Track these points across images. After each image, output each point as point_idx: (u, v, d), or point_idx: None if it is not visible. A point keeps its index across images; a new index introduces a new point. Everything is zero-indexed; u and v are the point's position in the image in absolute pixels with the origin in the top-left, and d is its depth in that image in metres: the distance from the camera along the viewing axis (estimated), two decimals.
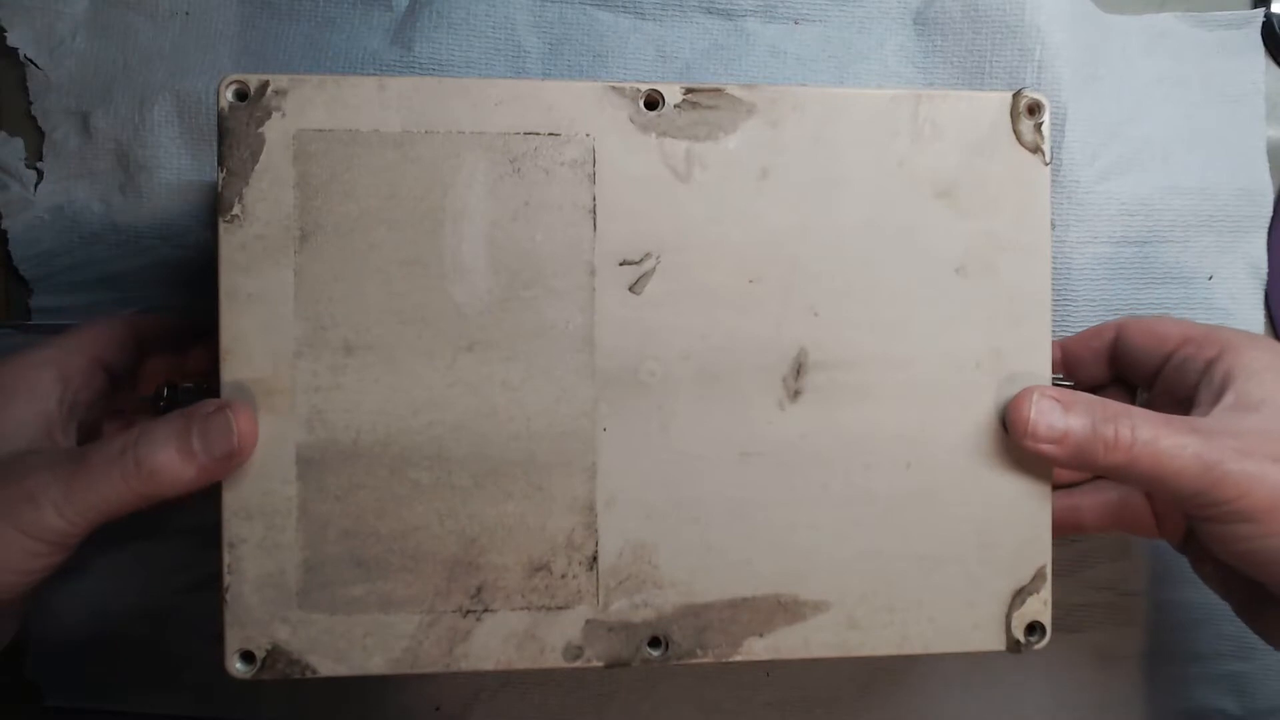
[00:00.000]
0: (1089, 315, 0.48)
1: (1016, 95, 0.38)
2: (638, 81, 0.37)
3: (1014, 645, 0.37)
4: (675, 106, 0.37)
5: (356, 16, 0.47)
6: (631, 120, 0.37)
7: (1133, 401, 0.42)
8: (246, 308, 0.35)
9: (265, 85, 0.35)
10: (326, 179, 0.35)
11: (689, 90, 0.37)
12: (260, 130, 0.35)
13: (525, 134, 0.36)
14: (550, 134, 0.36)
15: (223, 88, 0.35)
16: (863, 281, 0.37)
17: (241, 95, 0.35)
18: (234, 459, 0.34)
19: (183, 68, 0.47)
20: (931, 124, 0.37)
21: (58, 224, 0.47)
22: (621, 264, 0.36)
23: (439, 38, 0.46)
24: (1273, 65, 0.49)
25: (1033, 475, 0.37)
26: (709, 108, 0.37)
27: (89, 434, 0.38)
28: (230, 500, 0.35)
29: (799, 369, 0.37)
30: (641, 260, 0.36)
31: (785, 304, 0.37)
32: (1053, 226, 0.38)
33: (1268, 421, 0.34)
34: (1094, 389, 0.42)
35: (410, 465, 0.36)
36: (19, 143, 0.47)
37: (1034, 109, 0.38)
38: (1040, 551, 0.37)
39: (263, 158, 0.35)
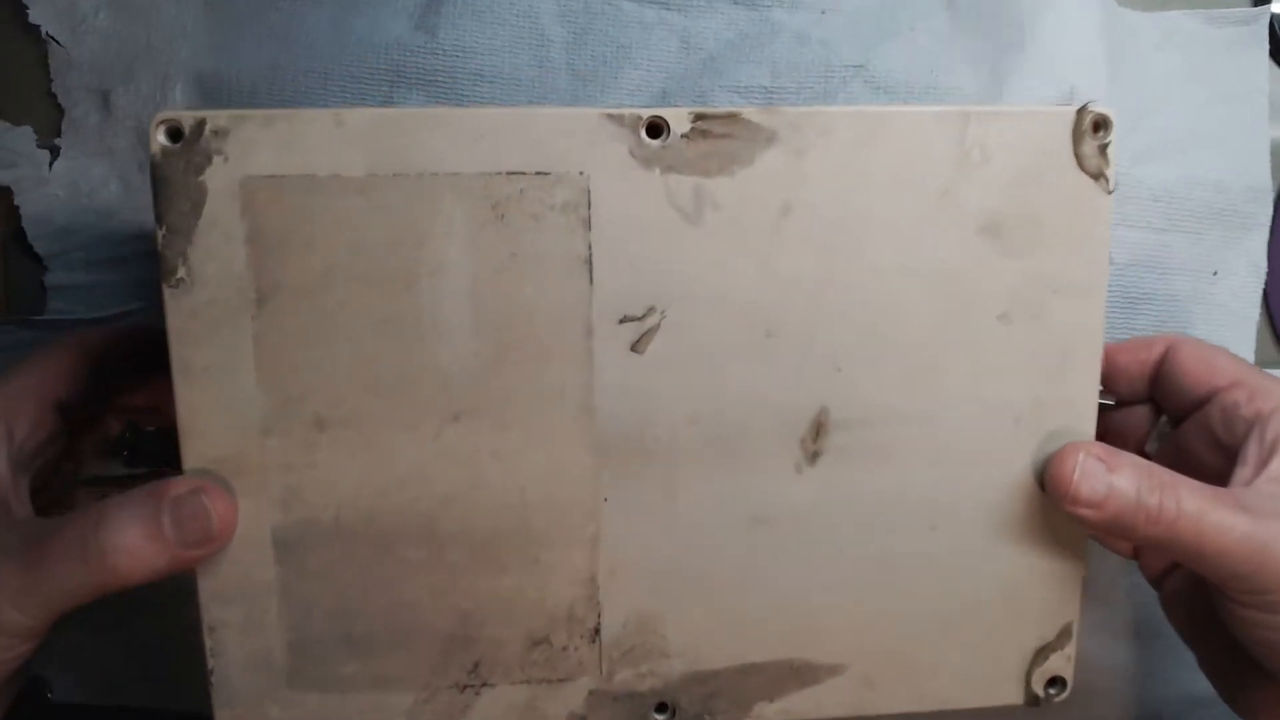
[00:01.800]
0: (1109, 300, 0.44)
1: (1081, 111, 0.32)
2: (639, 107, 0.31)
3: (1033, 699, 0.36)
4: (683, 136, 0.31)
5: (380, 0, 0.45)
6: (632, 154, 0.31)
7: (1154, 425, 0.38)
8: (203, 383, 0.31)
9: (202, 124, 0.30)
10: (282, 232, 0.31)
11: (698, 116, 0.31)
12: (201, 179, 0.30)
13: (509, 174, 0.31)
14: (538, 173, 0.31)
15: (153, 129, 0.30)
16: (893, 332, 0.33)
17: (175, 136, 0.30)
18: (212, 546, 0.32)
19: (206, 47, 0.45)
20: (980, 148, 0.32)
21: (74, 201, 0.46)
22: (622, 321, 0.32)
23: (464, 24, 0.44)
24: (1274, 65, 0.47)
25: (1067, 533, 0.35)
26: (722, 136, 0.31)
27: (46, 482, 0.36)
28: (206, 585, 0.33)
29: (819, 430, 0.33)
30: (644, 316, 0.32)
31: (805, 359, 0.33)
32: (1110, 262, 0.33)
33: None
34: (1127, 405, 0.39)
35: (397, 542, 0.33)
36: (28, 130, 0.45)
37: (1100, 126, 0.32)
38: (1069, 609, 0.35)
39: (206, 210, 0.31)
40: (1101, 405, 0.36)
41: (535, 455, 0.33)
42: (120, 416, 0.39)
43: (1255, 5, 0.47)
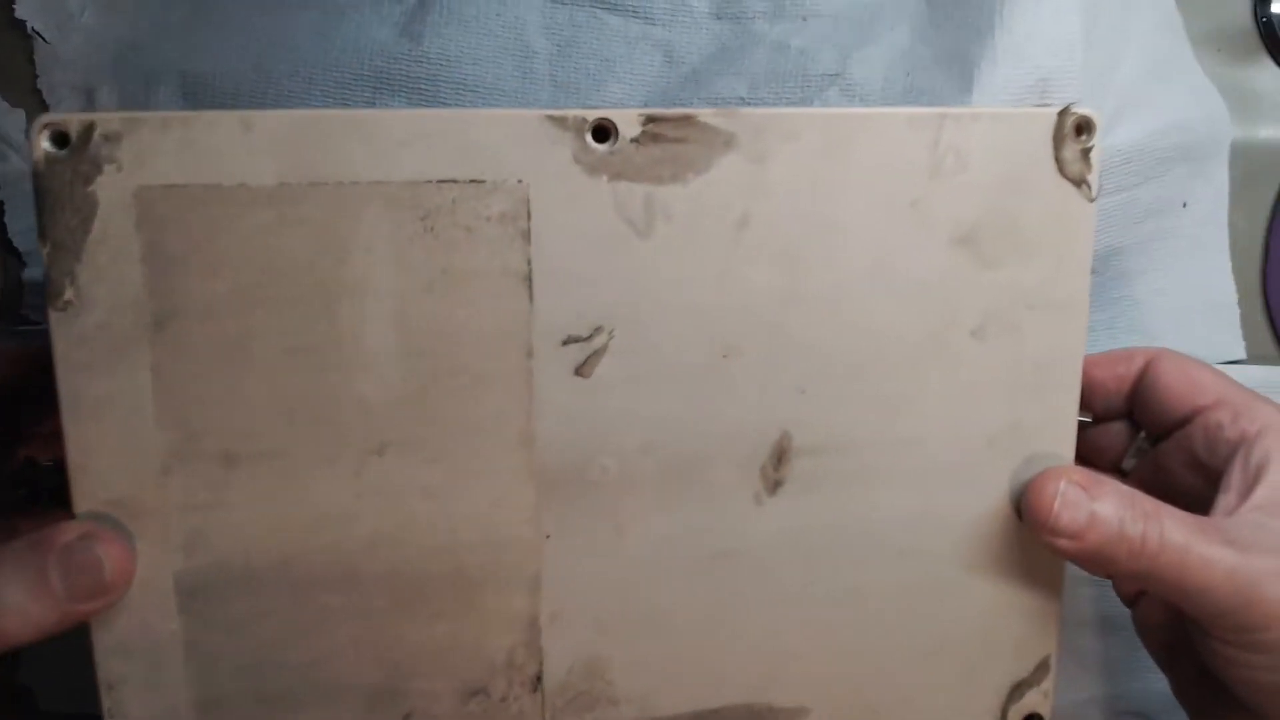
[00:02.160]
0: None
1: (1063, 113, 0.30)
2: (584, 109, 0.28)
3: None
4: (632, 141, 0.28)
5: (367, 6, 0.45)
6: (576, 159, 0.28)
7: (1132, 442, 0.36)
8: (95, 416, 0.28)
9: (90, 128, 0.27)
10: (183, 249, 0.27)
11: (650, 119, 0.28)
12: (90, 189, 0.27)
13: (439, 182, 0.28)
14: (472, 181, 0.28)
15: (35, 134, 0.26)
16: (860, 351, 0.30)
17: (61, 141, 0.27)
18: (106, 598, 0.28)
19: (191, 48, 0.45)
20: (956, 153, 0.30)
21: None
22: (565, 342, 0.29)
23: (449, 33, 0.44)
24: (1273, 65, 0.47)
25: (1045, 562, 0.32)
26: (675, 141, 0.29)
27: None
28: (102, 638, 0.29)
29: (780, 457, 0.31)
30: (590, 336, 0.29)
31: (766, 381, 0.30)
32: (1095, 271, 0.31)
33: None
34: (1104, 421, 0.37)
35: (316, 588, 0.30)
36: (20, 114, 0.45)
37: (1082, 128, 0.30)
38: (1046, 642, 0.33)
39: (96, 225, 0.27)
40: (1079, 423, 0.34)
41: (469, 491, 0.30)
42: (31, 446, 0.36)
43: (1255, 7, 0.46)
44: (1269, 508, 0.30)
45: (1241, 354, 0.46)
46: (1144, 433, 0.36)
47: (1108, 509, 0.30)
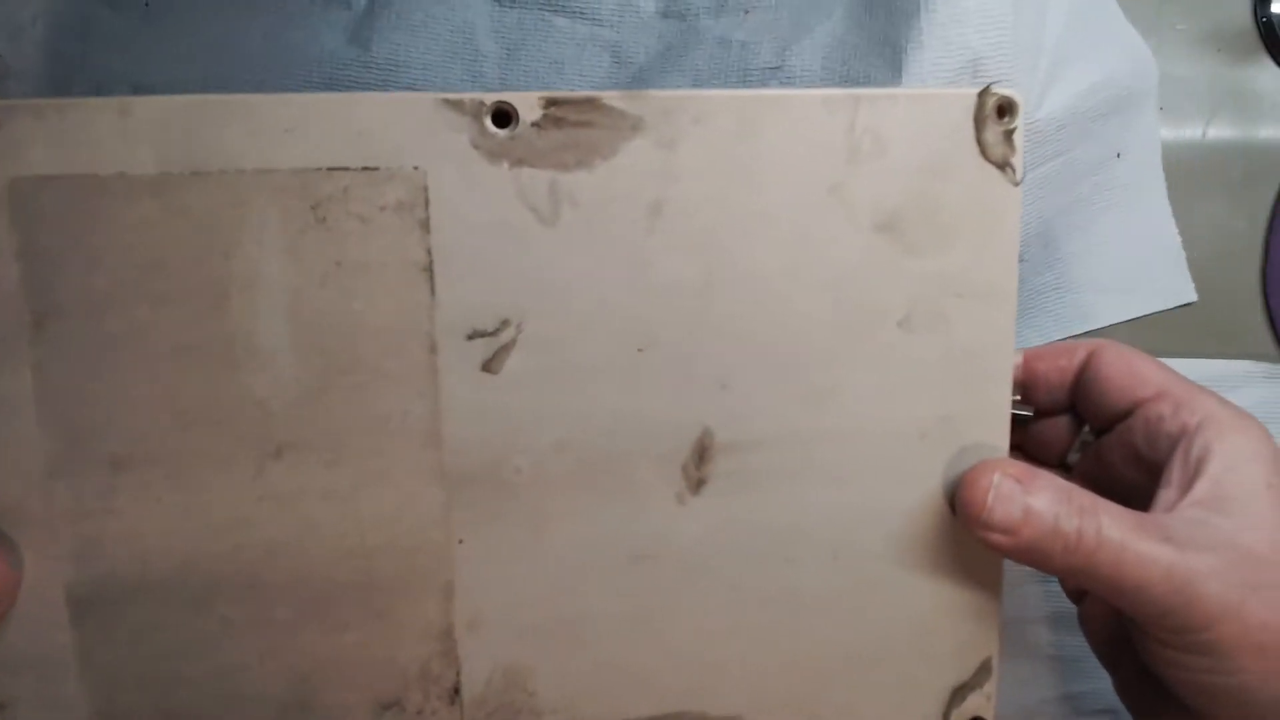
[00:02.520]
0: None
1: (983, 94, 0.29)
2: (482, 92, 0.27)
3: None
4: (533, 125, 0.27)
5: (316, 13, 0.44)
6: (475, 145, 0.27)
7: (1076, 436, 0.35)
8: None
9: None
10: (62, 244, 0.26)
11: (551, 102, 0.27)
12: None
13: (329, 170, 0.27)
14: (365, 168, 0.27)
15: None
16: (783, 343, 0.29)
17: None
18: None
19: (142, 58, 0.44)
20: (873, 136, 0.28)
21: None
22: (471, 336, 0.28)
23: (397, 39, 0.43)
24: (1273, 65, 0.46)
25: (983, 559, 0.31)
26: (579, 125, 0.27)
27: None
28: None
29: (702, 454, 0.29)
30: (498, 330, 0.28)
31: (684, 376, 0.29)
32: (1021, 259, 0.30)
33: (1246, 531, 0.28)
34: (1047, 415, 0.35)
35: (217, 598, 0.28)
36: None
37: (1004, 110, 0.29)
38: (987, 643, 0.32)
39: None
40: (1020, 416, 0.33)
41: (374, 494, 0.28)
42: None
43: (1255, 8, 0.46)
44: (1209, 503, 0.29)
45: (1193, 296, 0.45)
46: (1087, 426, 0.35)
47: (1042, 503, 0.28)
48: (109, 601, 0.28)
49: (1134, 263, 0.44)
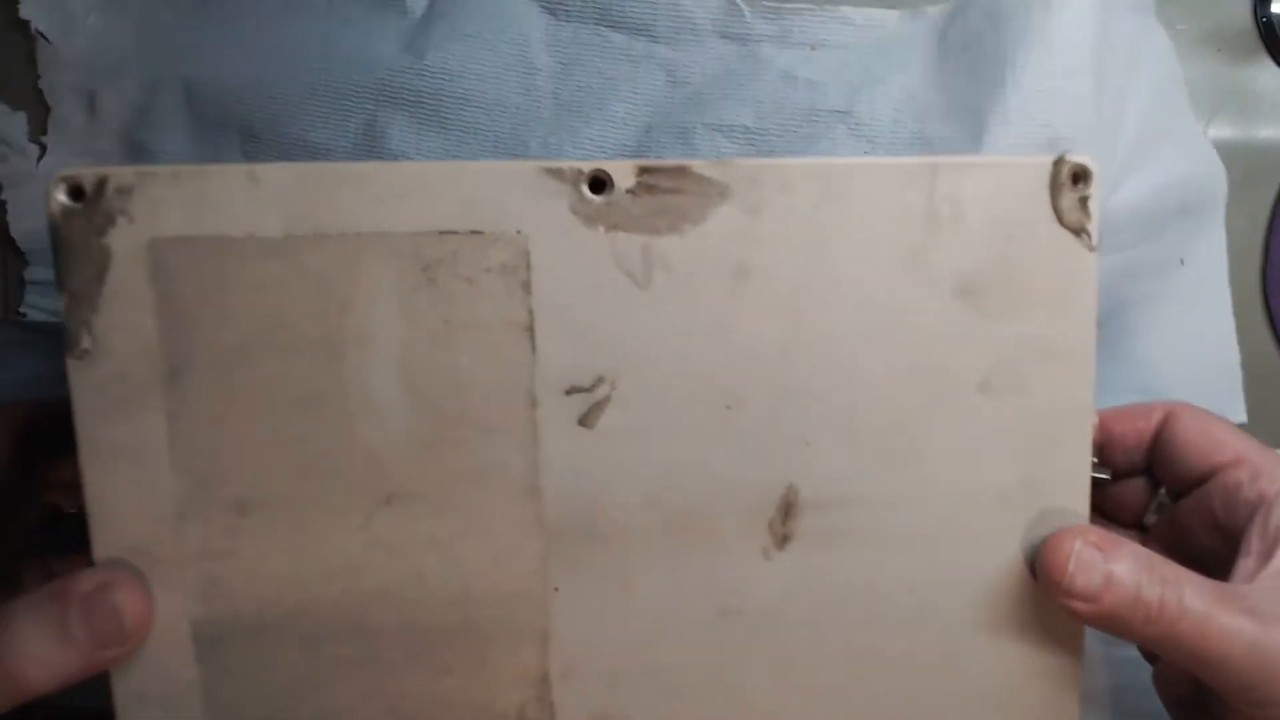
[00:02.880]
0: None
1: (1058, 162, 0.30)
2: (579, 161, 0.29)
3: None
4: (628, 191, 0.29)
5: (372, 18, 0.45)
6: (573, 211, 0.29)
7: (1153, 498, 0.36)
8: (112, 462, 0.29)
9: (104, 182, 0.28)
10: (194, 300, 0.29)
11: (644, 170, 0.29)
12: (104, 240, 0.28)
13: (440, 233, 0.29)
14: (472, 232, 0.29)
15: (52, 188, 0.28)
16: (864, 403, 0.30)
17: (76, 194, 0.28)
18: (126, 646, 0.29)
19: (194, 54, 0.45)
20: (952, 202, 0.30)
21: None
22: (569, 392, 0.30)
23: (452, 49, 0.44)
24: (1273, 65, 0.47)
25: (1063, 624, 0.31)
26: (670, 191, 0.29)
27: None
28: (121, 684, 0.30)
29: (788, 511, 0.30)
30: (593, 387, 0.30)
31: (770, 433, 0.30)
32: (1099, 326, 0.31)
33: None
34: (1123, 477, 0.36)
35: (327, 640, 0.30)
36: (22, 117, 0.45)
37: (1079, 177, 0.30)
38: (1067, 710, 0.32)
39: (110, 276, 0.28)
40: (1097, 480, 0.33)
41: (476, 543, 0.30)
42: (53, 493, 0.37)
43: (1255, 8, 0.46)
44: None
45: (1243, 417, 0.45)
46: (1164, 489, 0.35)
47: (1124, 571, 0.29)
48: (230, 639, 0.30)
49: (1188, 376, 0.44)
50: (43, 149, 0.46)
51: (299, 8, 0.45)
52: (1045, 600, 0.31)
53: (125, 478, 0.29)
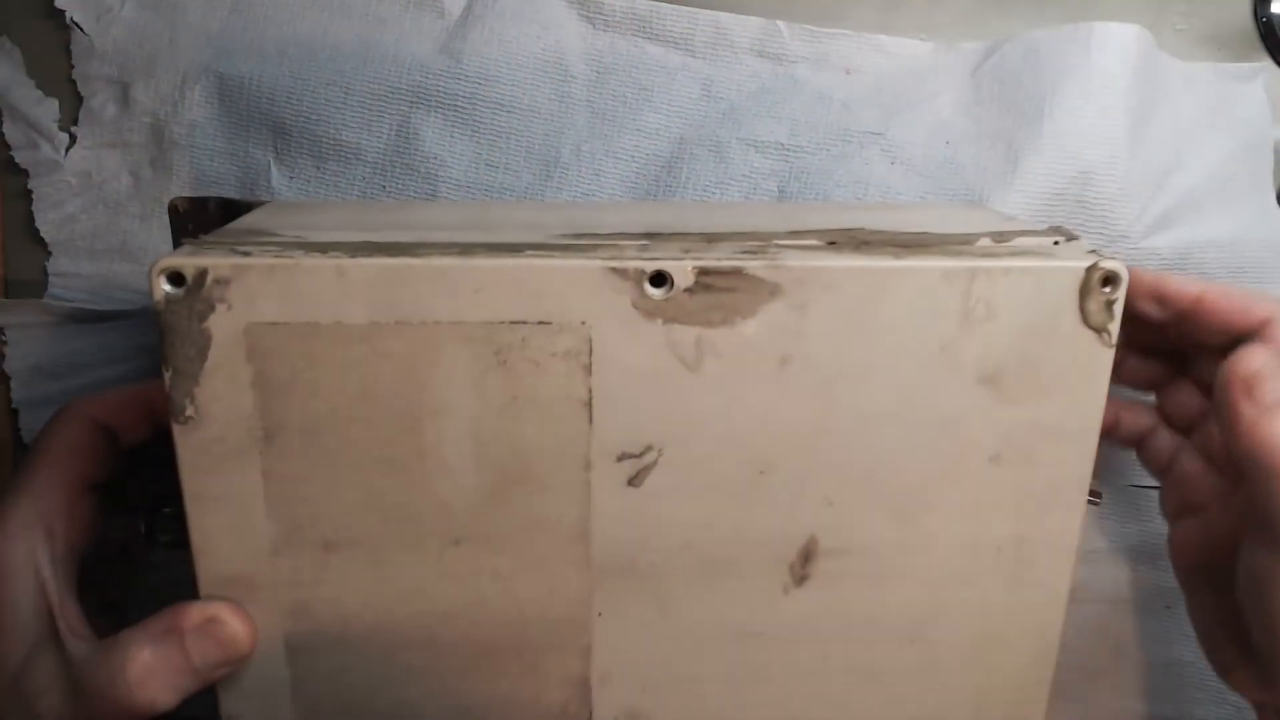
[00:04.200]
0: None
1: (1091, 268, 0.32)
2: (641, 260, 0.31)
3: None
4: (686, 290, 0.31)
5: (408, 19, 0.45)
6: (634, 305, 0.31)
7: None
8: (214, 509, 0.32)
9: (204, 274, 0.30)
10: (287, 377, 0.31)
11: (703, 272, 0.31)
12: (204, 325, 0.31)
13: (511, 323, 0.31)
14: (540, 322, 0.31)
15: (154, 276, 0.30)
16: (886, 472, 0.34)
17: (177, 281, 0.30)
18: (237, 664, 0.34)
19: (229, 51, 0.45)
20: (986, 304, 0.32)
21: (84, 190, 0.47)
22: (620, 459, 0.33)
23: (489, 53, 0.44)
24: (1273, 66, 0.47)
25: (1036, 643, 0.36)
26: (725, 290, 0.31)
27: (83, 558, 0.37)
28: (225, 682, 0.35)
29: (807, 556, 0.35)
30: (642, 454, 0.33)
31: (797, 494, 0.34)
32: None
33: None
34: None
35: (400, 650, 0.35)
36: (54, 104, 0.46)
37: (1109, 280, 0.32)
38: (1034, 712, 0.37)
39: (211, 355, 0.31)
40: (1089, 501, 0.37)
41: (533, 577, 0.34)
42: (144, 483, 0.39)
43: (1255, 8, 0.46)
44: None
45: None
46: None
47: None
48: (317, 648, 0.34)
49: None
50: (72, 139, 0.46)
51: (334, 7, 0.45)
52: (1022, 621, 0.36)
53: (225, 522, 0.33)
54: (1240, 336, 0.34)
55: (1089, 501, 0.36)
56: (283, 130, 0.45)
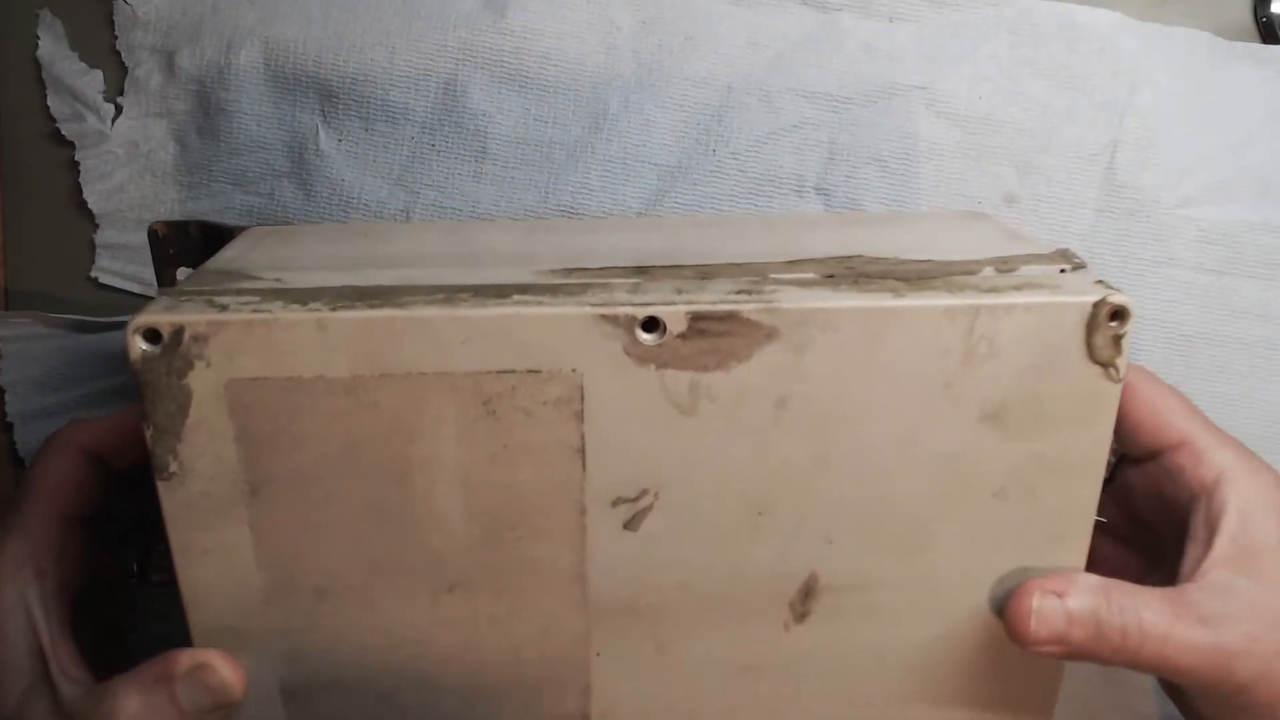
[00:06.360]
0: (1157, 334, 0.47)
1: (1099, 303, 0.31)
2: (632, 306, 0.30)
3: None
4: (678, 335, 0.30)
5: None
6: (626, 352, 0.30)
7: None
8: (203, 562, 0.32)
9: (181, 331, 0.29)
10: (271, 431, 0.30)
11: (696, 317, 0.30)
12: (184, 382, 0.30)
13: (499, 372, 0.30)
14: (530, 371, 0.30)
15: (130, 335, 0.29)
16: (886, 508, 0.33)
17: (153, 338, 0.29)
18: (228, 710, 0.33)
19: (272, 15, 0.45)
20: (989, 341, 0.31)
21: (131, 160, 0.47)
22: (615, 503, 0.32)
23: (534, 6, 0.44)
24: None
25: (1041, 679, 0.36)
26: (720, 335, 0.30)
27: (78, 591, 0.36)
28: None
29: (808, 594, 0.34)
30: (638, 498, 0.32)
31: (796, 534, 0.33)
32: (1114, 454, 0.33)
33: (1267, 592, 0.32)
34: None
35: (396, 693, 0.34)
36: (98, 75, 0.46)
37: (1117, 315, 0.31)
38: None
39: (192, 411, 0.30)
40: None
41: (529, 620, 0.34)
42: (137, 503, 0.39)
43: (1254, 7, 0.46)
44: (1232, 561, 0.33)
45: None
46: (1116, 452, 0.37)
47: (1082, 605, 0.32)
48: (313, 692, 0.34)
49: (1260, 437, 0.45)
50: (118, 110, 0.46)
51: None
52: (1024, 664, 0.35)
53: (214, 574, 0.32)
54: (1155, 451, 0.35)
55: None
56: (329, 93, 0.45)
